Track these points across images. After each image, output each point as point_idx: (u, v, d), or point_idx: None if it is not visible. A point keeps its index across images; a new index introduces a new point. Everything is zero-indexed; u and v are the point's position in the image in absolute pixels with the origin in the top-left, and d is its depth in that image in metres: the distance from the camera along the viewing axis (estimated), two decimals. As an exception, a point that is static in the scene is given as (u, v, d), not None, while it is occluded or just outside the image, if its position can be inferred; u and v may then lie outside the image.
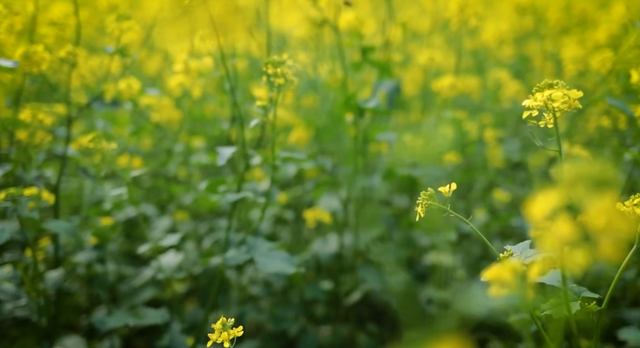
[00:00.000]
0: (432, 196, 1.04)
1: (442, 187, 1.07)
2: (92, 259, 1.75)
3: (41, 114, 1.68)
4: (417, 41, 3.71)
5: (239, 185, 1.72)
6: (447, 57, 3.35)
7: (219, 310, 2.21)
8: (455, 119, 2.27)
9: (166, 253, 1.77)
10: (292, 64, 1.42)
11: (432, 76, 3.11)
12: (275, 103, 1.47)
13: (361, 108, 1.83)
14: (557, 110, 0.99)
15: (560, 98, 0.98)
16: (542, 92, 1.00)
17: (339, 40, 1.95)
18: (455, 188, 1.07)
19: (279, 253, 1.64)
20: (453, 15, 2.05)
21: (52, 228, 1.64)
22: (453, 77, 2.35)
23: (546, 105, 0.99)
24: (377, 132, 2.22)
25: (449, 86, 2.35)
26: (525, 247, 1.06)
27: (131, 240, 2.78)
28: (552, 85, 1.00)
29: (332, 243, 2.16)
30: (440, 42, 3.31)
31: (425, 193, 1.05)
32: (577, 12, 3.72)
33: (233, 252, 1.65)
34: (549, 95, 0.98)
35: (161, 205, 2.59)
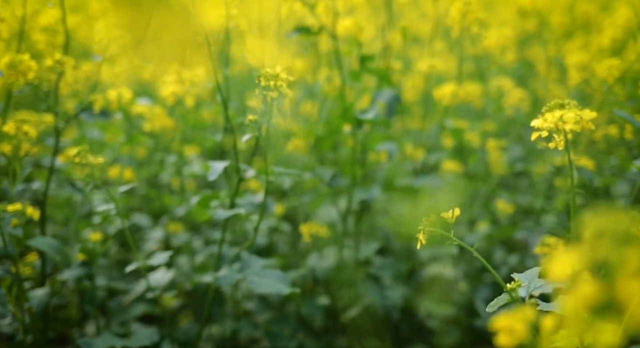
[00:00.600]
0: (435, 223, 0.97)
1: (445, 213, 1.00)
2: (80, 276, 1.68)
3: (26, 126, 1.61)
4: (417, 45, 3.64)
5: (231, 200, 1.65)
6: (448, 61, 3.29)
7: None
8: (456, 129, 2.20)
9: (156, 271, 1.70)
10: (285, 76, 1.35)
11: (434, 81, 3.05)
12: (269, 117, 1.40)
13: (359, 119, 1.76)
14: (568, 131, 0.92)
15: (572, 119, 0.91)
16: (553, 113, 0.93)
17: (336, 48, 1.89)
18: (458, 213, 1.00)
19: (273, 273, 1.57)
20: (454, 22, 1.98)
21: (37, 245, 1.57)
22: (454, 85, 2.28)
23: (557, 126, 0.92)
24: (376, 141, 2.15)
25: (450, 94, 2.28)
26: (533, 277, 1.00)
27: (125, 249, 2.72)
28: (563, 105, 0.93)
29: (329, 257, 2.09)
30: (441, 46, 3.24)
31: (428, 220, 0.98)
32: (580, 15, 3.66)
33: (225, 271, 1.58)
34: (560, 117, 0.91)
35: (155, 214, 2.53)
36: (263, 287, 1.51)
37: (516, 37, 3.60)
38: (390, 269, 2.05)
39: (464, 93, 2.17)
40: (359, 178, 2.05)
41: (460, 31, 2.02)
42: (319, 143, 2.18)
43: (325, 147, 2.16)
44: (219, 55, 1.73)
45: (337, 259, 2.04)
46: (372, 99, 2.03)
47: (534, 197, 3.02)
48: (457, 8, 1.95)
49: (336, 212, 2.13)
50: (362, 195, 1.99)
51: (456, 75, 3.33)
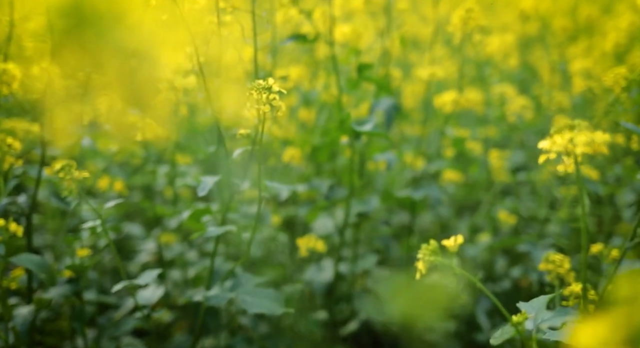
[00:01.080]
0: (435, 250, 0.91)
1: (446, 241, 0.94)
2: (68, 293, 1.62)
3: (10, 138, 1.55)
4: (417, 50, 3.58)
5: (223, 215, 1.59)
6: (449, 67, 3.22)
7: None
8: (457, 138, 2.13)
9: (145, 289, 1.64)
10: (278, 89, 1.29)
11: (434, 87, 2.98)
12: (262, 131, 1.34)
13: (357, 131, 1.70)
14: (579, 155, 0.86)
15: (584, 142, 0.84)
16: (562, 135, 0.86)
17: (333, 56, 1.82)
18: (461, 241, 0.93)
19: (266, 292, 1.51)
20: (456, 29, 1.92)
21: (21, 263, 1.51)
22: (455, 93, 2.22)
23: (567, 149, 0.86)
24: (375, 151, 2.09)
25: (451, 102, 2.22)
26: (540, 307, 0.93)
27: (122, 255, 2.65)
28: (573, 127, 0.87)
29: (327, 270, 2.03)
30: (442, 52, 3.18)
31: (427, 248, 0.92)
32: (583, 18, 3.59)
33: (216, 290, 1.52)
34: (571, 139, 0.85)
35: (149, 223, 2.46)
36: (256, 307, 1.45)
37: (518, 41, 3.54)
38: (388, 282, 1.99)
39: (465, 101, 2.10)
40: (357, 189, 1.99)
41: (462, 38, 1.96)
42: (315, 152, 2.12)
43: (322, 156, 2.09)
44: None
45: (335, 273, 1.98)
46: (370, 108, 1.96)
47: (537, 204, 2.96)
48: (458, 15, 1.88)
49: (333, 224, 2.07)
50: (359, 208, 1.93)
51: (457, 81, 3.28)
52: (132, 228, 2.49)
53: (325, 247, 1.84)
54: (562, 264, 1.56)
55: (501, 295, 2.23)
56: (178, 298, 2.21)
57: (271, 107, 1.28)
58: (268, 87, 1.29)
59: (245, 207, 2.13)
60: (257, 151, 1.37)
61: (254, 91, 1.29)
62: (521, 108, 2.39)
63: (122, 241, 2.59)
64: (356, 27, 2.06)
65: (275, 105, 1.28)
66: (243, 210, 2.11)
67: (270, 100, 1.27)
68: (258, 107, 1.29)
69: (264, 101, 1.27)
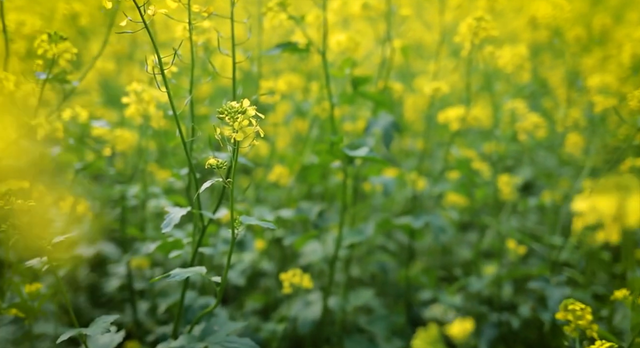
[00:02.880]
0: (437, 341, 0.70)
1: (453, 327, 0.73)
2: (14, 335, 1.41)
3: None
4: (420, 57, 3.37)
5: (195, 250, 1.38)
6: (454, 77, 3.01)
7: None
8: (463, 160, 1.92)
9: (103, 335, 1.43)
10: (254, 113, 1.08)
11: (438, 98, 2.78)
12: (235, 163, 1.13)
13: (349, 157, 1.49)
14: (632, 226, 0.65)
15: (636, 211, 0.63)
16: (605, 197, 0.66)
17: (325, 69, 1.61)
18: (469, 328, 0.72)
19: (241, 341, 1.30)
20: (465, 40, 1.71)
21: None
22: (461, 109, 2.01)
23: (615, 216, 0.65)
24: (371, 173, 1.88)
25: (457, 119, 2.02)
26: None
27: (97, 273, 2.45)
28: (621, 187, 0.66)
29: (315, 305, 1.82)
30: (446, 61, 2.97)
31: (428, 335, 0.71)
32: (598, 27, 3.39)
33: (183, 340, 1.31)
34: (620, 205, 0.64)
35: (124, 241, 2.24)
36: (227, 363, 1.24)
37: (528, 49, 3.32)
38: (383, 322, 1.78)
39: (473, 119, 1.90)
40: (350, 217, 1.79)
41: (471, 49, 1.75)
42: (305, 172, 1.91)
43: (313, 177, 1.89)
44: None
45: (323, 308, 1.77)
46: (366, 126, 1.75)
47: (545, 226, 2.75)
48: (467, 24, 1.67)
49: (323, 250, 1.86)
50: (352, 238, 1.73)
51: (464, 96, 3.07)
52: (106, 246, 2.29)
53: (312, 282, 1.63)
54: (583, 315, 1.36)
55: (508, 326, 2.02)
56: (152, 326, 2.01)
57: (245, 135, 1.07)
58: (242, 111, 1.08)
59: (225, 230, 1.92)
60: (231, 184, 1.16)
61: (226, 116, 1.08)
62: (533, 126, 2.18)
63: (96, 259, 2.39)
64: (353, 35, 1.85)
65: (250, 132, 1.07)
66: (222, 235, 1.90)
67: (243, 128, 1.06)
68: (230, 135, 1.08)
69: (237, 128, 1.06)
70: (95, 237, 2.38)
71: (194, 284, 1.87)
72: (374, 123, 1.74)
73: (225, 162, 1.15)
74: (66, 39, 1.47)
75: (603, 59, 3.11)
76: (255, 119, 1.09)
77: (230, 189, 1.14)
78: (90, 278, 2.43)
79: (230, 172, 1.15)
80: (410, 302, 2.03)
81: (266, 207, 2.16)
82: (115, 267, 2.14)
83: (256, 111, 1.09)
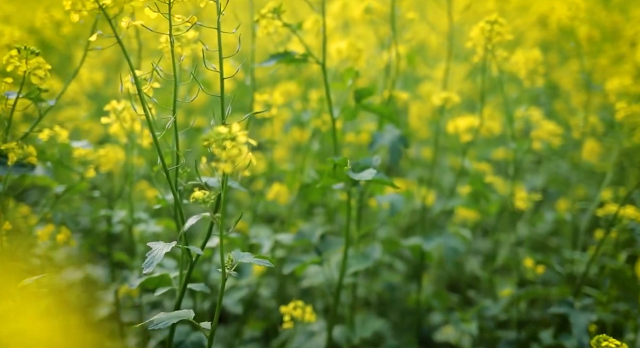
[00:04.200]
0: None
1: None
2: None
3: None
4: (424, 59, 3.22)
5: (182, 290, 1.24)
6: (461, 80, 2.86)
7: None
8: (476, 176, 1.78)
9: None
10: (245, 139, 0.93)
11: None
12: (224, 197, 0.98)
13: (353, 180, 1.34)
14: None
15: None
16: None
17: (325, 81, 1.46)
18: None
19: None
20: (477, 45, 1.56)
21: None
22: (472, 118, 1.87)
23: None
24: (376, 190, 1.73)
25: (467, 129, 1.87)
26: None
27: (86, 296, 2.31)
28: None
29: (318, 336, 1.67)
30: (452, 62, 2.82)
31: None
32: (608, 25, 3.25)
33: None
34: None
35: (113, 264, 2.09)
36: None
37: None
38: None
39: (486, 130, 1.75)
40: (355, 240, 1.64)
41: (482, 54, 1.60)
42: (306, 190, 1.77)
43: (314, 195, 1.74)
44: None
45: (327, 340, 1.62)
46: (371, 142, 1.61)
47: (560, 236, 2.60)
48: (480, 28, 1.52)
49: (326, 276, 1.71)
50: (357, 265, 1.58)
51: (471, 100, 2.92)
52: (94, 269, 2.15)
53: (315, 316, 1.48)
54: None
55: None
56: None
57: (234, 166, 0.93)
58: (232, 137, 0.93)
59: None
60: (220, 219, 1.01)
61: (212, 143, 0.94)
62: (549, 134, 2.03)
63: (85, 283, 2.25)
64: (354, 43, 1.70)
65: (240, 163, 0.92)
66: (216, 260, 1.76)
67: (232, 158, 0.91)
68: (217, 165, 0.93)
69: (225, 158, 0.92)
70: (83, 259, 2.24)
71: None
72: (380, 138, 1.59)
73: (212, 195, 1.00)
74: (38, 54, 1.32)
75: (616, 58, 2.97)
76: (247, 146, 0.95)
77: (220, 225, 0.99)
78: (82, 299, 2.29)
79: (219, 205, 1.01)
80: (421, 324, 1.88)
81: (264, 226, 2.02)
82: (104, 293, 2.00)
83: (248, 137, 0.94)
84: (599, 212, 1.90)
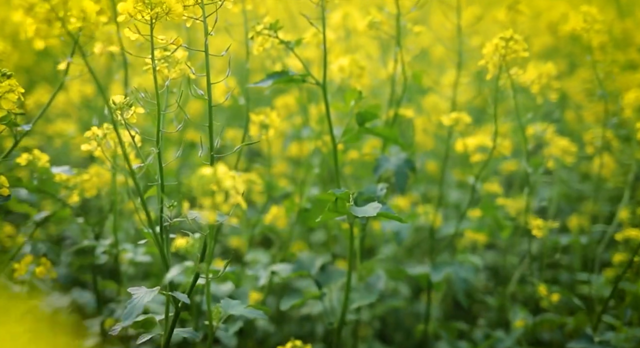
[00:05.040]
0: None
1: None
2: None
3: None
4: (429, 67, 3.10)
5: (167, 337, 1.12)
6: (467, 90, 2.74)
7: None
8: (488, 202, 1.66)
9: None
10: (232, 183, 0.82)
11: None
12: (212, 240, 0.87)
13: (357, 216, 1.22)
14: None
15: None
16: None
17: (326, 103, 1.35)
18: None
19: None
20: (489, 63, 1.44)
21: None
22: (482, 137, 1.75)
23: None
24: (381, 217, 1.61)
25: (476, 147, 1.76)
26: None
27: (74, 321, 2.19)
28: None
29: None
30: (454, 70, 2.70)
31: None
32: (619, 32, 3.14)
33: None
34: None
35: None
36: None
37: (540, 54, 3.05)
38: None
39: (501, 150, 1.64)
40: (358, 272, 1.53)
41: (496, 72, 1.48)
42: (305, 216, 1.65)
43: (313, 221, 1.63)
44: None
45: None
46: (376, 166, 1.49)
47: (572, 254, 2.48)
48: (495, 45, 1.40)
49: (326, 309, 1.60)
50: (361, 300, 1.46)
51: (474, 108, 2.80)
52: (81, 295, 2.02)
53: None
54: None
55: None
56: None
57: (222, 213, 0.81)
58: (217, 182, 0.82)
59: (216, 286, 1.66)
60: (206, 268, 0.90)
61: (198, 186, 0.82)
62: (562, 152, 1.92)
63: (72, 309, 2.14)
64: (356, 59, 1.59)
65: (227, 211, 0.81)
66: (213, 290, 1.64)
67: (218, 205, 0.80)
68: (200, 213, 0.82)
69: (211, 207, 0.80)
70: (70, 282, 2.13)
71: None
72: (385, 162, 1.48)
73: (197, 244, 0.88)
74: (10, 76, 1.21)
75: (627, 65, 2.85)
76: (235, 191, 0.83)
77: (207, 282, 0.88)
78: (67, 328, 2.18)
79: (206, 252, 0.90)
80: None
81: (261, 250, 1.90)
82: (91, 321, 1.88)
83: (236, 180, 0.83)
84: (618, 236, 1.79)
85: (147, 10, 1.02)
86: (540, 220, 1.60)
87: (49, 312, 2.03)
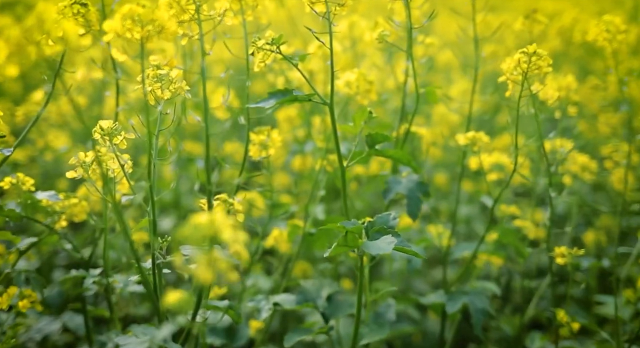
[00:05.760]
0: None
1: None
2: None
3: None
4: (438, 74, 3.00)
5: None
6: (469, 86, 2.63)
7: None
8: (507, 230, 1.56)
9: None
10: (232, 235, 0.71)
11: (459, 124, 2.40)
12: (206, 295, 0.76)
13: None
14: None
15: None
16: None
17: (333, 122, 1.24)
18: None
19: None
20: (510, 79, 1.33)
21: None
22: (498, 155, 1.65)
23: None
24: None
25: (492, 165, 1.65)
26: None
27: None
28: None
29: None
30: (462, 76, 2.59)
31: None
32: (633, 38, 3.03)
33: None
34: None
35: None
36: None
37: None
38: None
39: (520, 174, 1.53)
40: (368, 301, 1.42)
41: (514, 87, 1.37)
42: (309, 239, 1.55)
43: (318, 245, 1.52)
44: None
45: None
46: (386, 189, 1.38)
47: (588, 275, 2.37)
48: (516, 60, 1.29)
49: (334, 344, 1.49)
50: (371, 336, 1.36)
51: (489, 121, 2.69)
52: (72, 319, 1.91)
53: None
54: None
55: None
56: None
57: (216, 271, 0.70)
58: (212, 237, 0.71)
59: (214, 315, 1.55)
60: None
61: (192, 236, 0.71)
62: (582, 169, 1.81)
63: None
64: (365, 73, 1.48)
65: (224, 268, 0.70)
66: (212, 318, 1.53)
67: (214, 261, 0.69)
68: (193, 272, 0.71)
69: (204, 263, 0.69)
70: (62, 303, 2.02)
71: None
72: (396, 184, 1.37)
73: (190, 300, 0.78)
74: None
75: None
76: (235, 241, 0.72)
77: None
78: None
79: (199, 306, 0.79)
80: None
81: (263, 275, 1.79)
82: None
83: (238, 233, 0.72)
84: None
85: (137, 29, 0.92)
86: (564, 248, 1.49)
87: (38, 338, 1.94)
